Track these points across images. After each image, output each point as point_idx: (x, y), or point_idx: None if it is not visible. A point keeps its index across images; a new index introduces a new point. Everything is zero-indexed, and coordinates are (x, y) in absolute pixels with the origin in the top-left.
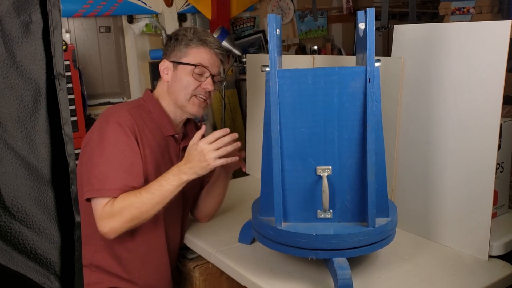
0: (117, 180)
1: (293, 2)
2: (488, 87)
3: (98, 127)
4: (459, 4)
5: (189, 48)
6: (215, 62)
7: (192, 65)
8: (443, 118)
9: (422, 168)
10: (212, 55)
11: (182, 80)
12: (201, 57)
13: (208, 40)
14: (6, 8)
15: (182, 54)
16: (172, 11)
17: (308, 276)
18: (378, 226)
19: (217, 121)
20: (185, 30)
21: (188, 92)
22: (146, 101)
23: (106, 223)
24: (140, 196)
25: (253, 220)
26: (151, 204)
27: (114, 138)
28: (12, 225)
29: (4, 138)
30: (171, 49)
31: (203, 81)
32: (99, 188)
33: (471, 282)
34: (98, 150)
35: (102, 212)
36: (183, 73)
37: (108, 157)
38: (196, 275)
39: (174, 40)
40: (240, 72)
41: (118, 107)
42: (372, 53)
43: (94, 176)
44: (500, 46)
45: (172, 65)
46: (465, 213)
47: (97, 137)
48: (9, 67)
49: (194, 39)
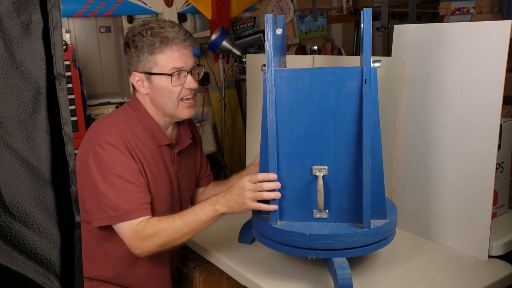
0: (130, 204)
1: (293, 2)
2: (488, 87)
3: (92, 150)
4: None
5: (154, 55)
6: (186, 55)
7: (167, 74)
8: (443, 118)
9: (422, 168)
10: (180, 49)
11: (162, 90)
12: (171, 61)
13: (169, 36)
14: (6, 8)
15: (150, 64)
16: (172, 11)
17: (308, 276)
18: (373, 228)
19: (217, 121)
20: (140, 33)
21: (174, 100)
22: (134, 110)
23: (138, 245)
24: (173, 223)
25: (252, 219)
26: (183, 232)
27: (113, 162)
28: (12, 225)
29: (4, 138)
30: (135, 60)
31: (183, 81)
32: (114, 215)
33: (471, 282)
34: (100, 179)
35: (132, 234)
36: (160, 83)
37: (113, 184)
38: (196, 275)
39: (134, 48)
40: (240, 72)
41: (106, 124)
42: (368, 53)
43: (105, 205)
44: (500, 46)
45: (144, 76)
46: (465, 213)
47: (95, 163)
48: (9, 67)
49: (156, 42)
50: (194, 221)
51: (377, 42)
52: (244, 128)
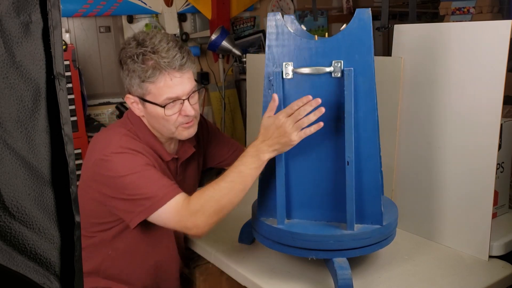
0: (160, 189)
1: (293, 2)
2: (488, 87)
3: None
4: (459, 4)
5: (146, 83)
6: (183, 82)
7: (159, 105)
8: (443, 118)
9: (422, 168)
10: (175, 77)
11: (157, 118)
12: (164, 90)
13: (162, 62)
14: (6, 8)
15: (143, 91)
16: (172, 11)
17: (308, 276)
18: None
19: (217, 121)
20: (131, 58)
21: (170, 128)
22: (133, 124)
23: (190, 222)
24: (218, 188)
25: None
26: (234, 194)
27: (126, 164)
28: (12, 225)
29: (4, 138)
30: (128, 83)
31: (180, 109)
32: (150, 204)
33: (471, 282)
34: (121, 185)
35: (178, 213)
36: (154, 111)
37: (137, 183)
38: (196, 275)
39: (126, 71)
40: (240, 72)
41: (108, 137)
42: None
43: (137, 202)
44: (500, 46)
45: (138, 99)
46: (465, 213)
47: (110, 173)
48: (9, 67)
49: (148, 69)
50: (240, 179)
51: (377, 42)
52: (244, 128)
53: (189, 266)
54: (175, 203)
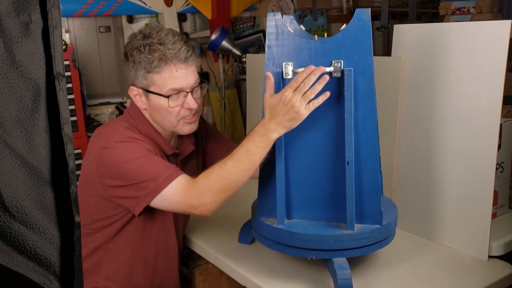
0: (164, 170)
1: (293, 2)
2: (488, 87)
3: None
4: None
5: (151, 74)
6: (187, 74)
7: (163, 96)
8: (443, 118)
9: (422, 168)
10: (180, 69)
11: (160, 110)
12: (169, 81)
13: (169, 54)
14: (5, 8)
15: (148, 82)
16: (172, 11)
17: (308, 276)
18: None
19: (217, 121)
20: (138, 49)
21: (172, 120)
22: (135, 118)
23: (197, 201)
24: (226, 166)
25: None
26: (240, 172)
27: (128, 151)
28: (12, 225)
29: (4, 138)
30: (133, 74)
31: (183, 101)
32: (155, 185)
33: (471, 282)
34: (125, 171)
35: (184, 195)
36: (157, 102)
37: (140, 167)
38: (196, 275)
39: (132, 63)
40: (240, 72)
41: (110, 130)
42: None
43: (141, 185)
44: (500, 46)
45: (142, 91)
46: (465, 213)
47: (112, 160)
48: (9, 67)
49: (154, 60)
50: (248, 158)
51: (377, 42)
52: (244, 128)
53: (189, 266)
54: (180, 183)
